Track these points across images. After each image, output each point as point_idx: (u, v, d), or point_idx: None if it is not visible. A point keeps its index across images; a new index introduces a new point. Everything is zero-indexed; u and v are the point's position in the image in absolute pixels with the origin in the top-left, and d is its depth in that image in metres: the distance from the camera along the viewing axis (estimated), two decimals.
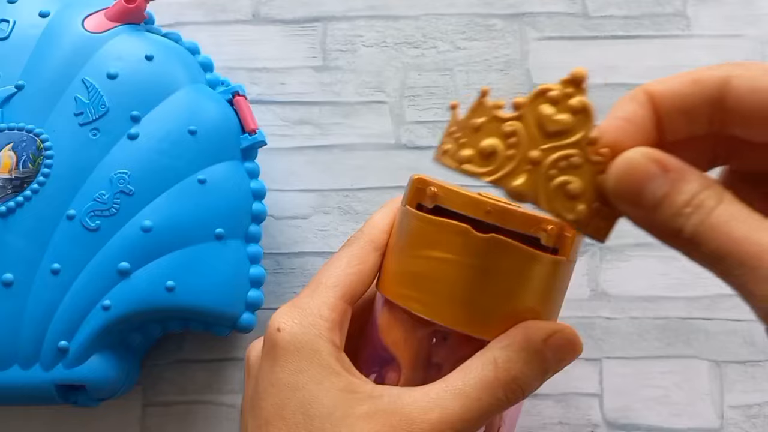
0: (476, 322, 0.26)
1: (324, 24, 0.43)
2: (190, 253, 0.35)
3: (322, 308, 0.27)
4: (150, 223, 0.34)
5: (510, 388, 0.24)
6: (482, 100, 0.24)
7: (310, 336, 0.26)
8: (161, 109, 0.36)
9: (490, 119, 0.23)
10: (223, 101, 0.38)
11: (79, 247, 0.34)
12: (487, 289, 0.25)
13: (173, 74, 0.37)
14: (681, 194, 0.21)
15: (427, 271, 0.26)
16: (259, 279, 0.37)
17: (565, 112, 0.22)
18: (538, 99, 0.23)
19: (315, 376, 0.25)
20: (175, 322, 0.37)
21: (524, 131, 0.23)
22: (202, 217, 0.35)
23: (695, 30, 0.43)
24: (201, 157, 0.36)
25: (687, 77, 0.23)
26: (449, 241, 0.25)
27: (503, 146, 0.23)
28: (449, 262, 0.25)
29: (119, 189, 0.35)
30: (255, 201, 0.37)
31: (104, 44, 0.37)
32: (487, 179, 0.23)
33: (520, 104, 0.23)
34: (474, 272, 0.25)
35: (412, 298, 0.26)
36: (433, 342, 0.28)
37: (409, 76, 0.43)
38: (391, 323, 0.27)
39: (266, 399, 0.26)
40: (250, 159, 0.38)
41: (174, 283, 0.34)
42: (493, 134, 0.23)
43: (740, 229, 0.20)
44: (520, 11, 0.43)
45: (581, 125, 0.22)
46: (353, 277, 0.28)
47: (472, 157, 0.23)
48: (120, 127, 0.35)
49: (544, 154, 0.22)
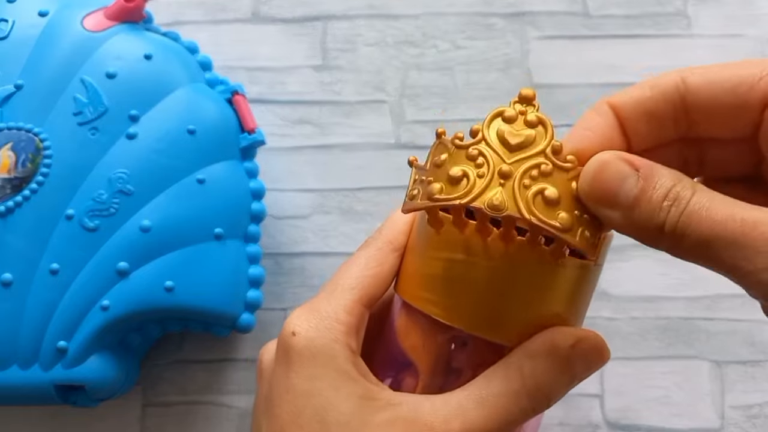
0: (499, 328, 0.25)
1: (324, 23, 0.43)
2: (189, 253, 0.35)
3: (338, 312, 0.26)
4: (149, 223, 0.34)
5: (535, 397, 0.24)
6: (441, 139, 0.24)
7: (326, 340, 0.25)
8: (160, 108, 0.36)
9: (452, 152, 0.24)
10: (222, 100, 0.38)
11: (77, 247, 0.34)
12: (510, 294, 0.24)
13: (172, 73, 0.37)
14: (656, 189, 0.21)
15: (448, 274, 0.25)
16: (259, 279, 0.37)
17: (524, 127, 0.23)
18: (495, 120, 0.24)
19: (332, 383, 0.25)
20: (174, 322, 0.36)
21: (489, 150, 0.23)
22: (201, 216, 0.35)
23: (696, 29, 0.43)
24: (200, 157, 0.36)
25: (645, 84, 0.23)
26: (472, 243, 0.24)
27: (472, 168, 0.23)
28: (471, 264, 0.24)
29: (118, 189, 0.35)
30: (254, 201, 0.37)
31: (103, 43, 0.36)
32: (462, 202, 0.23)
33: (478, 129, 0.23)
34: (497, 276, 0.24)
35: (432, 301, 0.25)
36: (452, 347, 0.27)
37: (409, 75, 0.43)
38: (410, 327, 0.27)
39: (281, 406, 0.25)
40: (249, 158, 0.38)
41: (173, 284, 0.34)
42: (460, 162, 0.23)
43: (720, 210, 0.20)
44: (520, 10, 0.43)
45: (542, 136, 0.23)
46: (371, 279, 0.27)
47: (441, 188, 0.23)
48: (119, 127, 0.35)
49: (514, 166, 0.23)
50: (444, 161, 0.24)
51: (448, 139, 0.24)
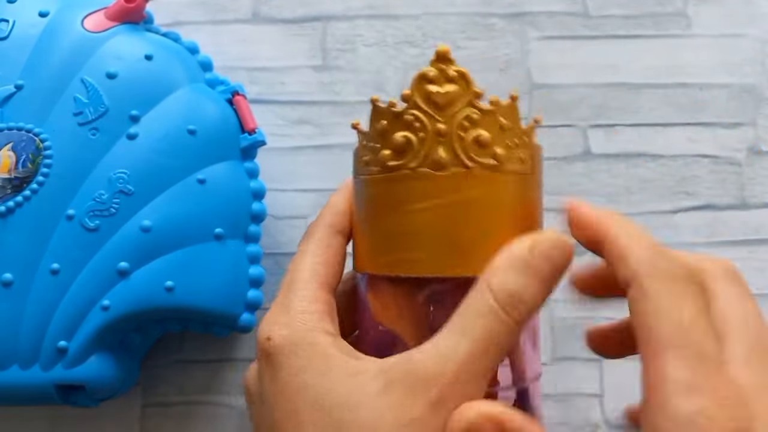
0: (463, 261, 0.25)
1: (324, 23, 0.43)
2: (190, 253, 0.35)
3: (304, 304, 0.26)
4: (149, 223, 0.34)
5: (511, 305, 0.24)
6: (376, 106, 0.27)
7: (302, 333, 0.26)
8: (160, 108, 0.36)
9: (390, 119, 0.26)
10: (222, 101, 0.38)
11: (78, 247, 0.34)
12: (464, 224, 0.25)
13: (172, 74, 0.37)
14: None
15: (401, 228, 0.26)
16: (259, 279, 0.37)
17: (447, 83, 0.26)
18: (421, 83, 0.26)
19: (318, 369, 0.25)
20: (175, 322, 0.36)
21: (422, 114, 0.26)
22: (202, 217, 0.35)
23: (696, 29, 0.43)
24: (200, 157, 0.36)
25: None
26: (413, 190, 0.26)
27: (412, 133, 0.26)
28: (419, 210, 0.26)
29: (118, 189, 0.35)
30: (254, 201, 0.37)
31: (104, 44, 0.36)
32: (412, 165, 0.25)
33: (408, 95, 0.26)
34: (447, 212, 0.25)
35: (395, 261, 0.26)
36: (431, 310, 0.27)
37: (409, 75, 0.42)
38: (382, 301, 0.27)
39: (278, 411, 0.25)
40: (249, 158, 0.38)
41: (173, 283, 0.34)
42: (400, 128, 0.26)
43: None
44: (520, 10, 0.43)
45: (465, 88, 0.26)
46: (323, 266, 0.28)
47: (391, 154, 0.26)
48: (119, 127, 0.35)
49: (447, 123, 0.25)
50: (385, 128, 0.26)
51: (383, 106, 0.27)
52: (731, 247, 0.41)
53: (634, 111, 0.42)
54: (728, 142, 0.42)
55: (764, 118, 0.42)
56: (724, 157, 0.42)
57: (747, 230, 0.41)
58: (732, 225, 0.41)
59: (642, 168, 0.42)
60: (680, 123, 0.42)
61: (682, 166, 0.42)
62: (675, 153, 0.42)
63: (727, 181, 0.41)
